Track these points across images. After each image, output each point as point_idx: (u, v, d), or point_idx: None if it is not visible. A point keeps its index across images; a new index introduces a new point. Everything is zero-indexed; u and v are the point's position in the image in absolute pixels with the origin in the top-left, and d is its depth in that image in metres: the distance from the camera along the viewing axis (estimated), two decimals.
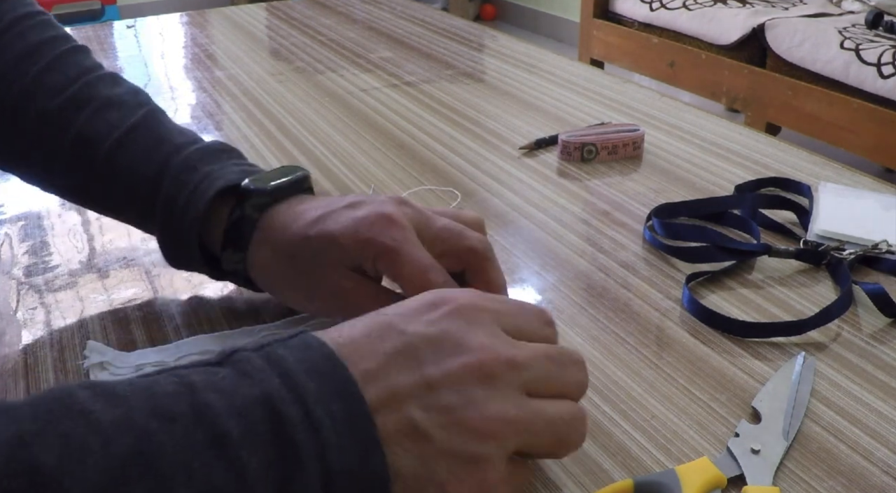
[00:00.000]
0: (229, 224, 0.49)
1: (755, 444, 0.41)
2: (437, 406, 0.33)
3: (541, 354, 0.37)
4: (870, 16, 2.26)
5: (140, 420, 0.29)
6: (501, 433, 0.34)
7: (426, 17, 1.34)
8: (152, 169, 0.51)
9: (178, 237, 0.51)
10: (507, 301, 0.40)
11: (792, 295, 0.55)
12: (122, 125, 0.53)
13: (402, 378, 0.34)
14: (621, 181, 0.73)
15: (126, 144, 0.53)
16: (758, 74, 2.39)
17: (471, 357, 0.35)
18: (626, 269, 0.58)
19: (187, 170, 0.51)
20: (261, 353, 0.33)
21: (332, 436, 0.31)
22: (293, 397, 0.31)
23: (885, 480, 0.39)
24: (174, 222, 0.50)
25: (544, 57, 1.10)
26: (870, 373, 0.47)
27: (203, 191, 0.49)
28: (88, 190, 0.55)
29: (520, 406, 0.35)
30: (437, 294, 0.38)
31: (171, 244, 0.52)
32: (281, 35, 1.25)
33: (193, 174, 0.51)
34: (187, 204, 0.50)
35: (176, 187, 0.50)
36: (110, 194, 0.54)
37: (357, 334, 0.35)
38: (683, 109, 0.90)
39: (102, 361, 0.48)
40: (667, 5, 2.71)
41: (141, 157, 0.52)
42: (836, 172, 0.74)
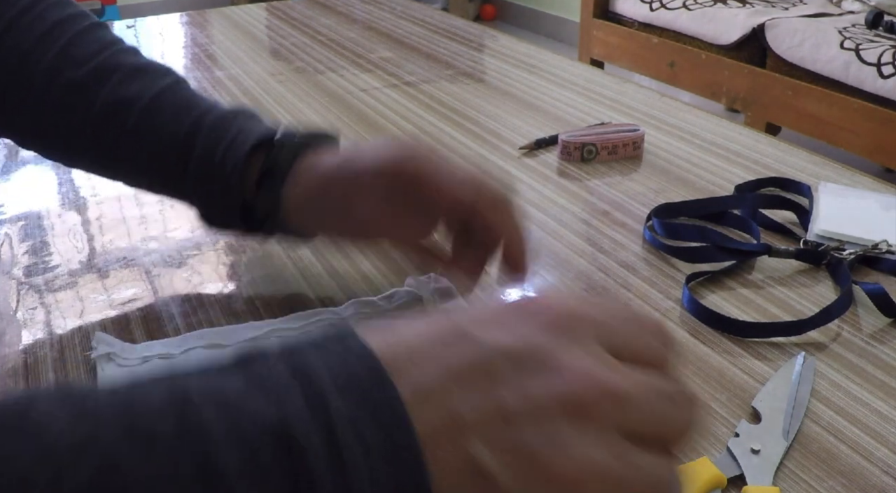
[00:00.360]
0: (264, 170, 0.52)
1: (755, 444, 0.41)
2: (511, 444, 0.26)
3: (651, 387, 0.28)
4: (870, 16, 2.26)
5: (108, 442, 0.23)
6: (586, 488, 0.26)
7: (426, 17, 1.34)
8: (183, 129, 0.53)
9: (215, 191, 0.53)
10: (616, 310, 0.31)
11: (792, 295, 0.55)
12: (149, 91, 0.55)
13: (469, 402, 0.26)
14: (621, 181, 0.73)
15: (155, 108, 0.54)
16: (758, 74, 2.39)
17: (561, 384, 0.27)
18: (626, 269, 0.58)
19: (220, 127, 0.53)
20: (287, 361, 0.27)
21: (363, 477, 0.24)
22: (318, 424, 0.25)
23: (885, 480, 0.39)
24: (212, 176, 0.52)
25: (544, 57, 1.10)
26: (870, 373, 0.47)
27: (240, 144, 0.52)
28: (118, 157, 0.56)
29: (616, 455, 0.27)
30: (527, 299, 0.31)
31: (207, 200, 0.54)
32: (281, 35, 1.25)
33: (226, 131, 0.53)
34: (224, 157, 0.52)
35: (212, 143, 0.52)
36: (140, 159, 0.55)
37: (416, 339, 0.28)
38: (683, 109, 0.90)
39: (110, 352, 0.48)
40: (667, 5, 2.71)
41: (171, 119, 0.54)
42: (836, 172, 0.74)
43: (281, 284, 0.56)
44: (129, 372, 0.47)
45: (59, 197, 0.71)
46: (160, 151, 0.54)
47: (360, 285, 0.56)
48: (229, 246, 0.62)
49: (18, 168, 0.78)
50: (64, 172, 0.76)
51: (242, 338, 0.50)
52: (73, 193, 0.72)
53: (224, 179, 0.52)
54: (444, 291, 0.54)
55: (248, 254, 0.61)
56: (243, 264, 0.59)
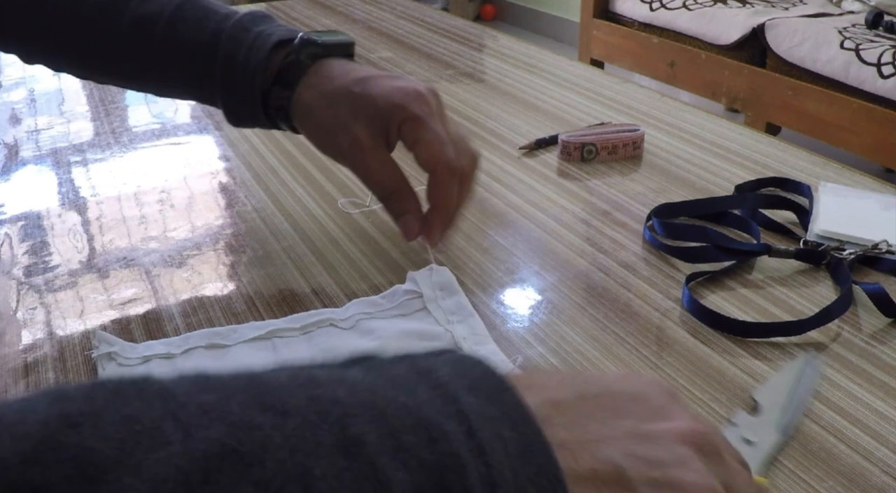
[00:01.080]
0: (283, 66, 0.57)
1: (750, 435, 0.41)
2: (645, 457, 0.27)
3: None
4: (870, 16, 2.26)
5: (239, 406, 0.21)
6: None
7: (426, 17, 1.34)
8: (206, 36, 0.58)
9: (238, 90, 0.57)
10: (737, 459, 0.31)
11: (792, 295, 0.55)
12: (170, 5, 0.59)
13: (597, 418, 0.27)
14: (621, 181, 0.73)
15: (178, 19, 0.59)
16: (758, 74, 2.39)
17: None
18: (626, 269, 0.58)
19: (241, 31, 0.58)
20: (406, 361, 0.27)
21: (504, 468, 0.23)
22: (452, 413, 0.24)
23: (885, 480, 0.39)
24: (235, 75, 0.57)
25: (544, 57, 1.10)
26: (870, 373, 0.47)
27: (261, 44, 0.57)
28: (147, 69, 0.61)
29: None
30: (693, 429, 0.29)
31: (233, 99, 0.58)
32: None
33: (247, 34, 0.58)
34: (247, 57, 0.57)
35: (234, 46, 0.57)
36: (168, 68, 0.60)
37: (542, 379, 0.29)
38: (683, 109, 0.90)
39: (111, 351, 0.48)
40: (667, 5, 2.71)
41: (193, 28, 0.58)
42: (836, 172, 0.74)
43: (281, 284, 0.56)
44: (129, 372, 0.47)
45: (59, 197, 0.71)
46: (187, 60, 0.59)
47: (359, 284, 0.56)
48: (229, 246, 0.62)
49: (18, 168, 0.78)
50: (64, 173, 0.76)
51: (243, 338, 0.50)
52: (73, 193, 0.72)
53: (246, 77, 0.57)
54: (444, 284, 0.54)
55: (248, 254, 0.61)
56: (243, 263, 0.59)
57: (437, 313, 0.52)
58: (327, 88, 0.56)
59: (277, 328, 0.50)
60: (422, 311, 0.53)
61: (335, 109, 0.55)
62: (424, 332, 0.50)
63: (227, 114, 0.60)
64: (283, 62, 0.57)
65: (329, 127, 0.56)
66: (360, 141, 0.54)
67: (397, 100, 0.54)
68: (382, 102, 0.54)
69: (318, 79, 0.56)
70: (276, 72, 0.57)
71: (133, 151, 0.81)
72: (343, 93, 0.55)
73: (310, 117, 0.57)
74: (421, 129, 0.53)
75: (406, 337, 0.50)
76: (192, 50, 0.58)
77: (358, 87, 0.55)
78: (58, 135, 0.85)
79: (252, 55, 0.57)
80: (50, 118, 0.89)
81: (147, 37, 0.59)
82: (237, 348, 0.49)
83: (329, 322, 0.51)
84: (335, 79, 0.56)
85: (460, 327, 0.51)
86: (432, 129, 0.53)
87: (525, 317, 0.53)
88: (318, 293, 0.55)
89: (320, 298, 0.55)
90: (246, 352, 0.49)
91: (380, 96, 0.54)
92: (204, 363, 0.48)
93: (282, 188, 0.72)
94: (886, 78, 2.03)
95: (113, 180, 0.74)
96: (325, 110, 0.55)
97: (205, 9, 0.60)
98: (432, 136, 0.53)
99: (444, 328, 0.51)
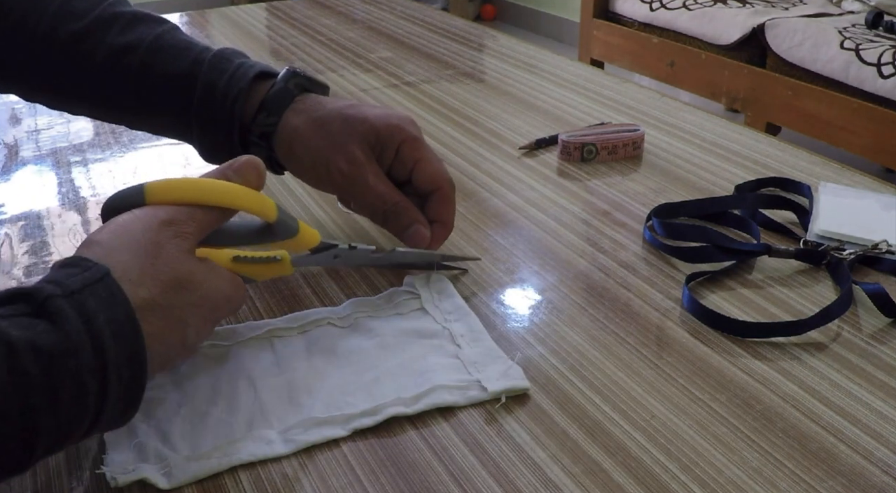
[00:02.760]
0: (269, 95, 0.57)
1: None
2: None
3: None
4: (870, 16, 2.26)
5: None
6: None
7: (426, 17, 1.34)
8: (186, 65, 0.58)
9: (218, 115, 0.57)
10: None
11: (792, 295, 0.55)
12: (149, 36, 0.59)
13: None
14: (621, 181, 0.73)
15: (156, 49, 0.58)
16: (758, 74, 2.39)
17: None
18: (626, 269, 0.58)
19: (222, 61, 0.58)
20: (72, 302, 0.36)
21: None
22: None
23: (885, 480, 0.39)
24: (215, 102, 0.57)
25: (544, 57, 1.10)
26: (870, 373, 0.47)
27: (243, 74, 0.57)
28: (124, 100, 0.61)
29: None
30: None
31: (210, 125, 0.58)
32: (281, 35, 1.25)
33: (228, 64, 0.58)
34: (228, 85, 0.57)
35: (215, 75, 0.57)
36: (146, 99, 0.60)
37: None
38: (683, 109, 0.90)
39: None
40: (667, 5, 2.71)
41: (172, 58, 0.58)
42: (836, 172, 0.74)
43: (281, 284, 0.56)
44: None
45: (59, 197, 0.71)
46: (165, 89, 0.58)
47: (359, 284, 0.56)
48: None
49: (18, 168, 0.78)
50: (64, 173, 0.76)
51: (241, 338, 0.50)
52: (73, 193, 0.72)
53: (227, 104, 0.56)
54: (441, 289, 0.54)
55: None
56: None
57: (435, 312, 0.52)
58: (317, 113, 0.56)
59: (275, 328, 0.51)
60: (419, 310, 0.53)
61: (328, 130, 0.55)
62: (422, 330, 0.51)
63: (202, 145, 0.60)
64: (269, 92, 0.57)
65: (320, 150, 0.56)
66: (358, 158, 0.55)
67: (394, 122, 0.56)
68: (380, 123, 0.55)
69: (305, 106, 0.57)
70: (258, 101, 0.57)
71: (133, 151, 0.81)
72: (335, 116, 0.56)
73: (299, 143, 0.56)
74: (421, 148, 0.56)
75: (404, 335, 0.50)
76: (170, 79, 0.58)
77: (351, 110, 0.56)
78: (58, 135, 0.85)
79: (233, 83, 0.57)
80: (50, 118, 0.89)
81: (125, 66, 0.58)
82: (236, 348, 0.49)
83: (327, 321, 0.51)
84: (325, 105, 0.57)
85: (457, 325, 0.51)
86: (430, 149, 0.57)
87: (525, 317, 0.53)
88: (317, 293, 0.55)
89: (320, 298, 0.55)
90: (245, 352, 0.49)
91: (376, 118, 0.56)
92: (200, 364, 0.48)
93: (281, 188, 0.72)
94: (886, 78, 2.03)
95: (113, 180, 0.74)
96: (316, 133, 0.56)
97: (184, 41, 0.60)
98: (432, 155, 0.57)
99: (442, 326, 0.51)
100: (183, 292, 0.40)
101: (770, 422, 0.43)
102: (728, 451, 0.41)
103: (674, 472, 0.40)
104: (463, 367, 0.47)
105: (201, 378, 0.46)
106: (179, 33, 0.61)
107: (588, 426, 0.43)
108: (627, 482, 0.40)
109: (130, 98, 0.60)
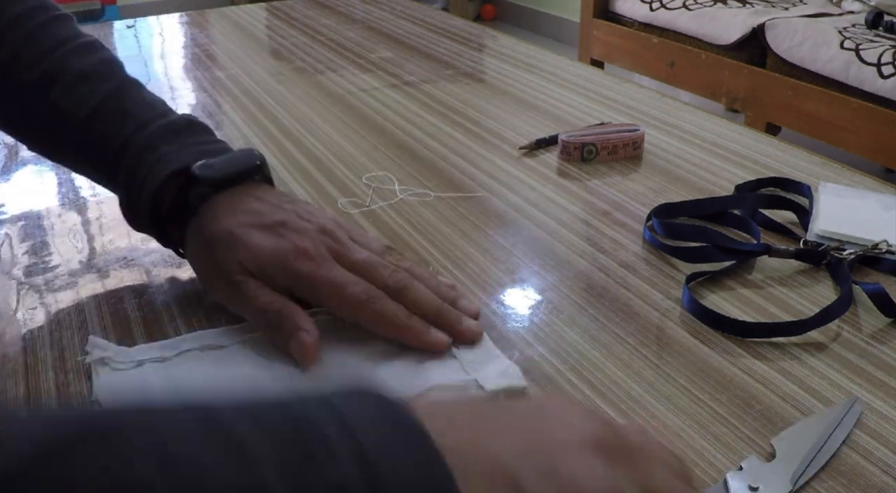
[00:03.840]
0: (173, 206, 0.53)
1: (756, 482, 0.38)
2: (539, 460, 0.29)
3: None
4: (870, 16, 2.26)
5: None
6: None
7: (426, 17, 1.34)
8: (116, 145, 0.55)
9: (136, 208, 0.55)
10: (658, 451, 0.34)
11: (792, 295, 0.55)
12: (90, 101, 0.56)
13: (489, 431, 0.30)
14: (621, 181, 0.73)
15: (94, 120, 0.56)
16: (758, 74, 2.39)
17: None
18: (626, 269, 0.58)
19: (147, 149, 0.54)
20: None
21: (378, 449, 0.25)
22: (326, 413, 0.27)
23: (885, 480, 0.39)
24: (132, 196, 0.54)
25: (544, 57, 1.10)
26: (870, 373, 0.47)
27: (157, 172, 0.53)
28: (64, 155, 0.61)
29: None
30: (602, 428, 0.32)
31: (131, 211, 0.56)
32: (281, 35, 1.25)
33: (151, 154, 0.54)
34: (143, 182, 0.53)
35: (135, 164, 0.54)
36: (81, 162, 0.59)
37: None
38: (683, 109, 0.90)
39: (104, 356, 0.48)
40: (667, 5, 2.71)
41: (108, 132, 0.56)
42: (836, 172, 0.74)
43: None
44: (123, 376, 0.47)
45: (59, 197, 0.71)
46: (98, 160, 0.57)
47: None
48: None
49: (18, 168, 0.78)
50: (64, 172, 0.76)
51: (240, 339, 0.50)
52: (73, 193, 0.72)
53: (140, 205, 0.54)
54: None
55: None
56: None
57: None
58: (209, 231, 0.51)
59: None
60: None
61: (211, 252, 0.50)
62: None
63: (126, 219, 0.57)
64: (174, 202, 0.53)
65: (202, 272, 0.53)
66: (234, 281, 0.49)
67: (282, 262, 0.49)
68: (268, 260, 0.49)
69: (203, 221, 0.51)
70: (169, 205, 0.53)
71: None
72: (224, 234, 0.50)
73: (195, 262, 0.53)
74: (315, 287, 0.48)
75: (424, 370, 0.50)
76: (103, 154, 0.56)
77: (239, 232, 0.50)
78: None
79: (148, 181, 0.53)
80: None
81: (61, 133, 0.57)
82: (233, 348, 0.49)
83: (329, 320, 0.51)
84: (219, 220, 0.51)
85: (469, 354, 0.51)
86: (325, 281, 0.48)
87: (525, 317, 0.53)
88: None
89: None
90: (242, 353, 0.49)
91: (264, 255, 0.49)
92: (199, 366, 0.47)
93: (282, 188, 0.71)
94: (886, 78, 2.03)
95: None
96: (201, 253, 0.52)
97: (124, 112, 0.56)
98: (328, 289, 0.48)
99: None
100: None
101: (770, 422, 0.43)
102: (728, 451, 0.41)
103: None
104: (460, 366, 0.47)
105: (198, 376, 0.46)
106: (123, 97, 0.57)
107: None
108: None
109: (68, 157, 0.61)
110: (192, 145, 0.55)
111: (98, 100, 0.56)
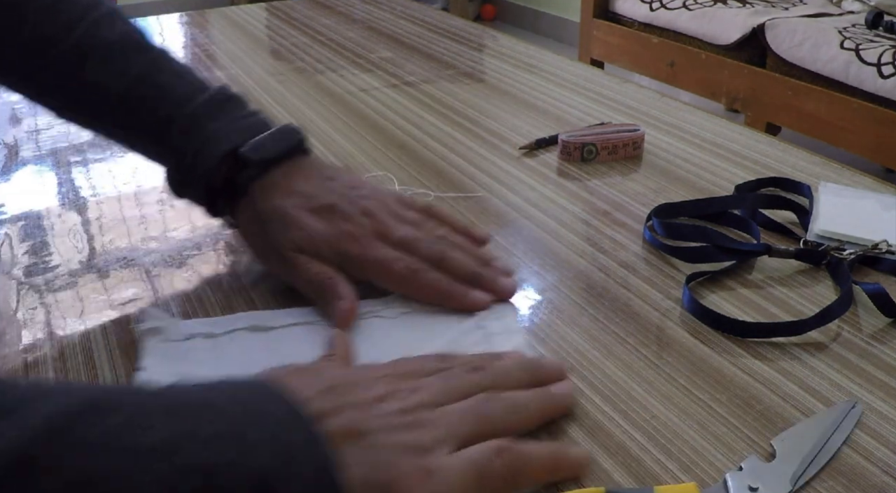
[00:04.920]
0: (224, 183, 0.56)
1: (755, 482, 0.38)
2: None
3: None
4: (870, 16, 2.26)
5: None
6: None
7: (426, 17, 1.34)
8: (159, 120, 0.57)
9: (190, 185, 0.57)
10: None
11: (792, 295, 0.55)
12: (127, 74, 0.58)
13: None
14: (621, 181, 0.73)
15: (132, 93, 0.57)
16: (758, 74, 2.39)
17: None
18: (626, 269, 0.58)
19: (194, 126, 0.56)
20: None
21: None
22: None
23: (885, 480, 0.39)
24: (181, 172, 0.57)
25: (544, 57, 1.10)
26: (870, 373, 0.47)
27: (208, 154, 0.55)
28: (101, 127, 0.62)
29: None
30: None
31: (179, 185, 0.58)
32: (281, 35, 1.25)
33: (199, 132, 0.56)
34: (195, 163, 0.56)
35: (185, 142, 0.56)
36: (120, 134, 0.61)
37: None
38: (683, 109, 0.90)
39: (158, 326, 0.49)
40: (667, 5, 2.71)
41: (150, 106, 0.57)
42: (836, 172, 0.74)
43: (282, 283, 0.56)
44: (172, 348, 0.48)
45: (59, 197, 0.71)
46: (138, 134, 0.59)
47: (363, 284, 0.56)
48: (229, 246, 0.62)
49: (18, 168, 0.78)
50: (64, 173, 0.76)
51: (284, 322, 0.51)
52: (73, 193, 0.72)
53: (192, 183, 0.57)
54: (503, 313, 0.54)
55: (248, 254, 0.61)
56: (243, 264, 0.59)
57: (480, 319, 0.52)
58: (262, 207, 0.55)
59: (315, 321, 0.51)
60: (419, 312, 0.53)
61: (267, 227, 0.55)
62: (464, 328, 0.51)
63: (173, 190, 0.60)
64: (225, 179, 0.56)
65: (257, 247, 0.57)
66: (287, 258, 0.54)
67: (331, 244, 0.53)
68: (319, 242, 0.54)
69: (254, 198, 0.55)
70: (220, 186, 0.56)
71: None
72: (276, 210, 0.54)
73: (248, 234, 0.57)
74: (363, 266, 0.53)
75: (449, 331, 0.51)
76: (145, 130, 0.58)
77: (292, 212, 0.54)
78: (58, 135, 0.85)
79: (200, 161, 0.56)
80: (50, 118, 0.89)
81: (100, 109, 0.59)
82: (281, 331, 0.50)
83: (372, 315, 0.52)
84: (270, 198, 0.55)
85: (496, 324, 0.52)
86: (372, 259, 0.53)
87: (525, 317, 0.53)
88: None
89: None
90: (289, 336, 0.50)
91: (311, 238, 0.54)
92: (246, 346, 0.49)
93: None
94: (886, 78, 2.03)
95: (113, 180, 0.74)
96: (260, 230, 0.55)
97: (159, 90, 0.58)
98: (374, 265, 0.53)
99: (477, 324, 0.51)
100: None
101: (770, 422, 0.43)
102: (728, 451, 0.41)
103: (674, 472, 0.40)
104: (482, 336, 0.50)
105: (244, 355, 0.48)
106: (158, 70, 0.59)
107: (588, 426, 0.43)
108: (627, 482, 0.40)
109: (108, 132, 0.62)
110: (237, 120, 0.58)
111: (135, 73, 0.58)
